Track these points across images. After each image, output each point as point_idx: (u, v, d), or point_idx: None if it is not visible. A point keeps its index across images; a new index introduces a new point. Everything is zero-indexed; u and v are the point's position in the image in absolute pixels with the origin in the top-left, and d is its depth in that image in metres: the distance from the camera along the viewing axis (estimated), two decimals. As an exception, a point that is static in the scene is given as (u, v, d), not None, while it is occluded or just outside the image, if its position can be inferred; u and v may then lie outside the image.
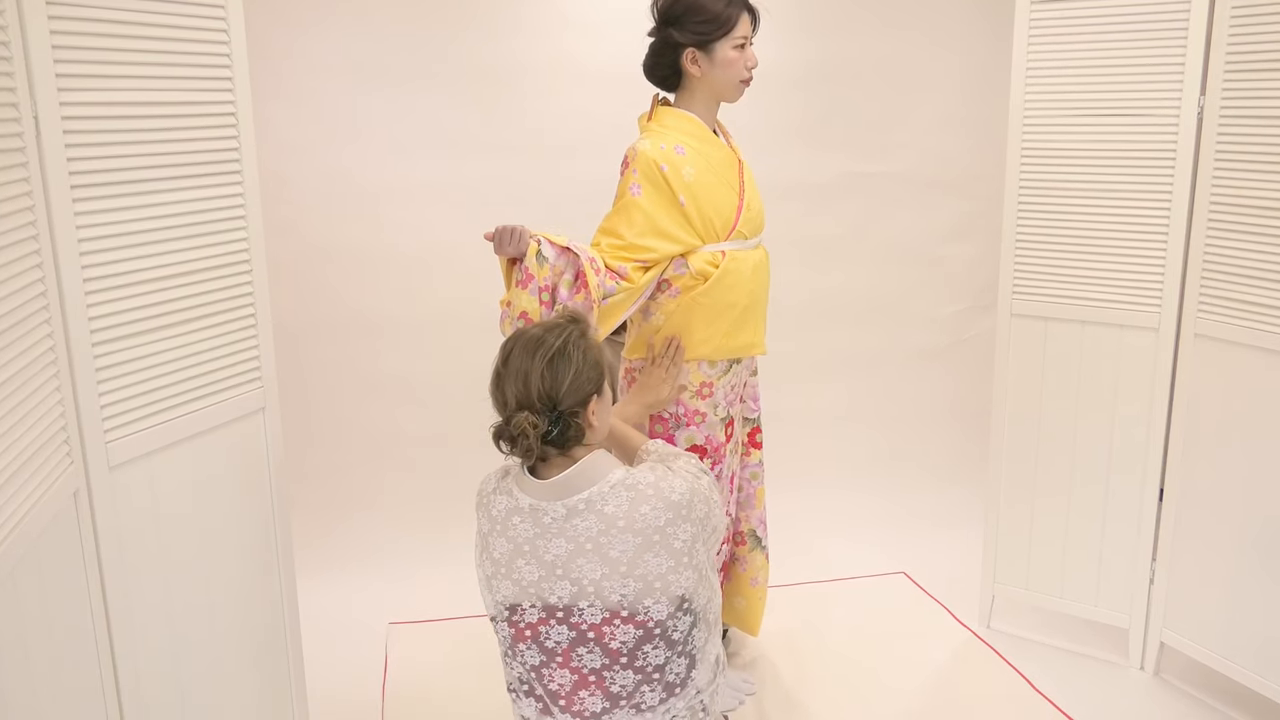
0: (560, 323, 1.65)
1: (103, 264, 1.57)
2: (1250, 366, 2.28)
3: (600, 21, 3.27)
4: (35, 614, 1.35)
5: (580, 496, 1.55)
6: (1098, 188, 2.48)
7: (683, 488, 1.57)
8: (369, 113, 3.19)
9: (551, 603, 1.57)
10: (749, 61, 2.15)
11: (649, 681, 1.58)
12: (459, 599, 3.00)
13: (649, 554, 1.53)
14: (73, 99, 1.50)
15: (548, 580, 1.57)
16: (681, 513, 1.56)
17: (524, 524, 1.58)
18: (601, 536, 1.54)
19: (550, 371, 1.56)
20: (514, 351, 1.60)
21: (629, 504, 1.54)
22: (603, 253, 2.10)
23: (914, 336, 3.83)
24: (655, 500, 1.55)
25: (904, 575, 3.17)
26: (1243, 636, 2.36)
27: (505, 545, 1.60)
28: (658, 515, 1.54)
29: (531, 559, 1.58)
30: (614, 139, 3.30)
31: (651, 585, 1.54)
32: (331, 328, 3.28)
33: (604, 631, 1.56)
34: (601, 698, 1.59)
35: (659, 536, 1.54)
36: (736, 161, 2.23)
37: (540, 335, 1.60)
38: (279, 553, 2.04)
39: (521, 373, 1.57)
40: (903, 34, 3.58)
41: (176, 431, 1.74)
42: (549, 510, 1.56)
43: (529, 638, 1.60)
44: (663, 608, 1.55)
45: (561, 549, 1.56)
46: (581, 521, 1.55)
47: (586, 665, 1.58)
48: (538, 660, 1.61)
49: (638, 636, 1.55)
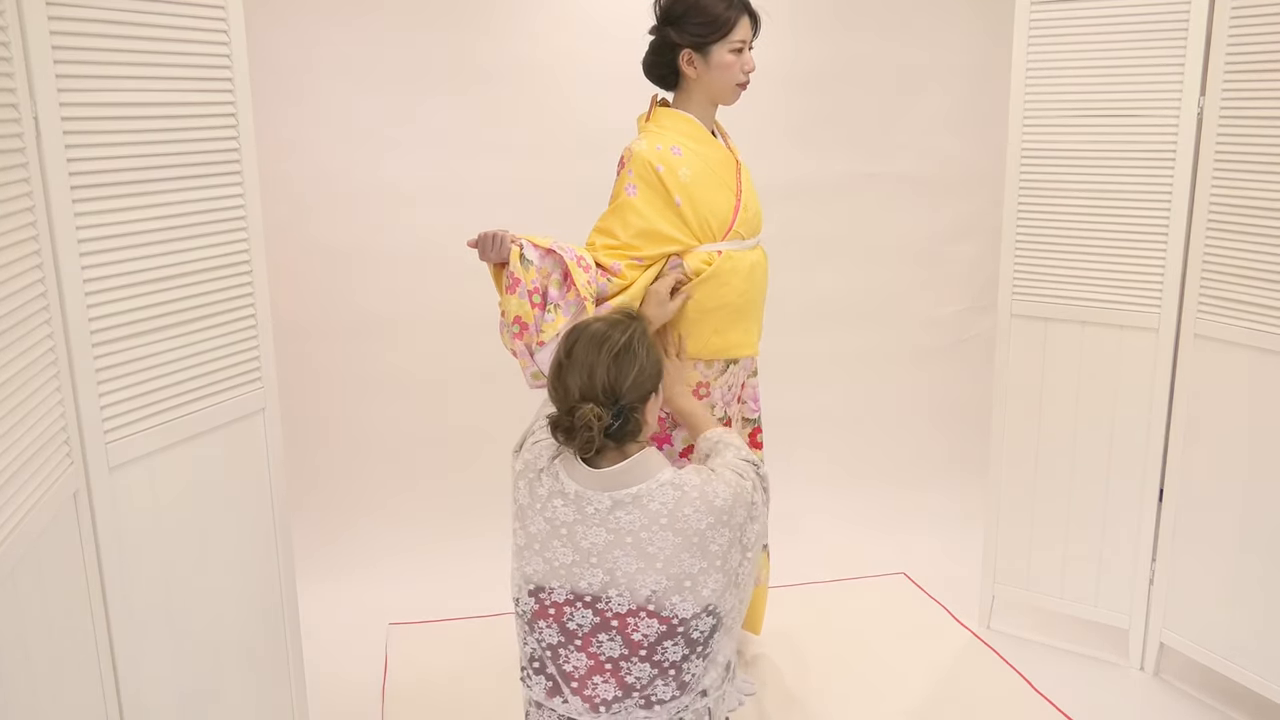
0: (622, 320, 1.67)
1: (103, 264, 1.57)
2: (1250, 366, 2.28)
3: (600, 21, 3.27)
4: (35, 614, 1.35)
5: (628, 491, 1.57)
6: (1098, 188, 2.48)
7: (726, 494, 1.59)
8: (369, 113, 3.19)
9: (580, 588, 1.59)
10: (746, 66, 2.15)
11: (664, 676, 1.59)
12: (459, 599, 3.00)
13: (686, 554, 1.56)
14: (73, 99, 1.50)
15: (580, 566, 1.59)
16: (723, 518, 1.58)
17: (566, 508, 1.60)
18: (643, 532, 1.56)
19: (616, 366, 1.58)
20: (578, 344, 1.61)
21: (674, 503, 1.56)
22: (596, 252, 2.09)
23: (914, 336, 3.83)
24: (699, 503, 1.57)
25: (904, 575, 3.17)
26: (1243, 636, 2.36)
27: (542, 524, 1.62)
28: (700, 518, 1.56)
29: (568, 543, 1.59)
30: (614, 139, 3.30)
31: (681, 584, 1.56)
32: (331, 328, 3.27)
33: (628, 622, 1.57)
34: (615, 686, 1.60)
35: (698, 539, 1.56)
36: (734, 162, 2.23)
37: (605, 330, 1.62)
38: (279, 553, 2.04)
39: (587, 365, 1.58)
40: (903, 34, 3.58)
41: (176, 432, 1.74)
42: (594, 500, 1.58)
43: (552, 616, 1.62)
44: (689, 606, 1.56)
45: (600, 538, 1.58)
46: (625, 515, 1.57)
47: (605, 653, 1.59)
48: (556, 640, 1.62)
49: (660, 632, 1.57)
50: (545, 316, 2.00)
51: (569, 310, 2.01)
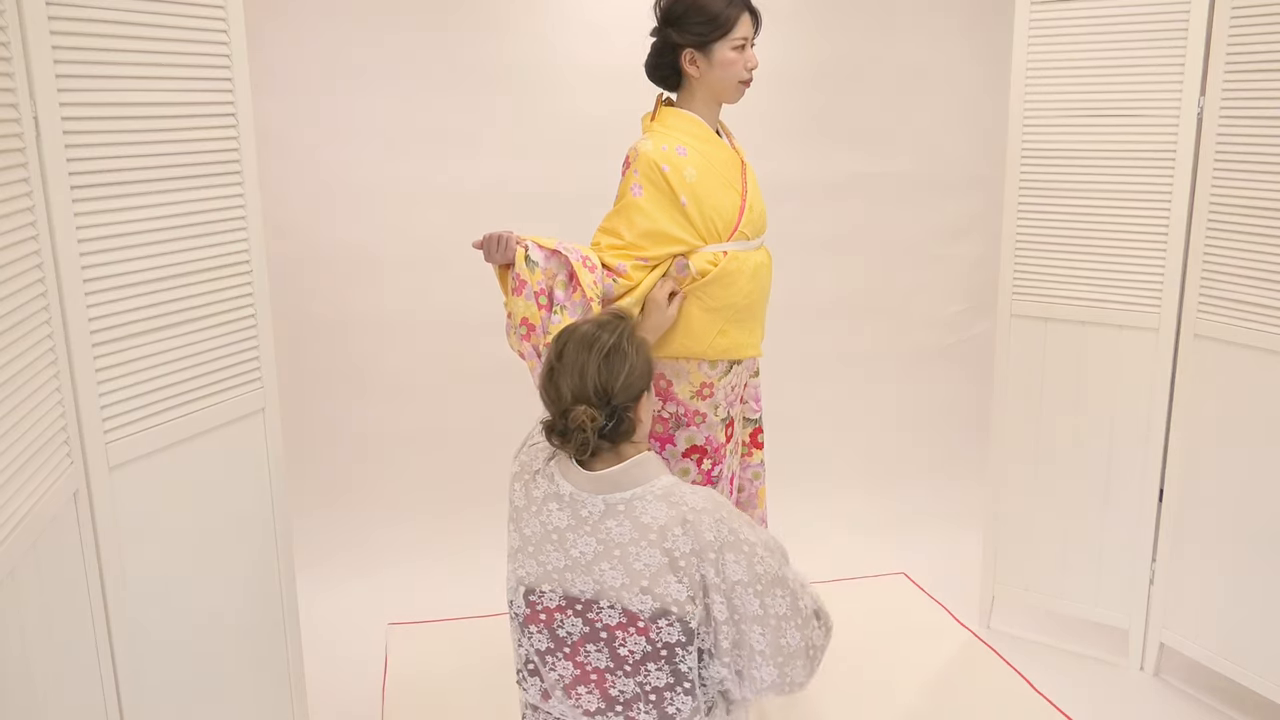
0: (610, 320, 1.65)
1: (103, 264, 1.57)
2: (1250, 366, 2.28)
3: (601, 21, 3.27)
4: (35, 614, 1.35)
5: (622, 495, 1.55)
6: (1098, 188, 2.48)
7: (709, 523, 1.52)
8: (369, 113, 3.19)
9: (573, 593, 1.58)
10: (749, 63, 2.14)
11: (644, 700, 1.57)
12: (459, 599, 3.00)
13: (670, 576, 1.52)
14: (73, 99, 1.50)
15: (571, 571, 1.57)
16: (709, 556, 1.52)
17: (560, 512, 1.58)
18: (631, 545, 1.53)
19: (606, 366, 1.57)
20: (568, 347, 1.60)
21: (665, 519, 1.53)
22: (601, 252, 2.09)
23: (914, 336, 3.83)
24: (688, 526, 1.53)
25: (904, 575, 3.17)
26: (1243, 636, 2.36)
27: (537, 527, 1.61)
28: (686, 542, 1.52)
29: (559, 547, 1.58)
30: (614, 139, 3.30)
31: (668, 608, 1.52)
32: (331, 328, 3.27)
33: (617, 635, 1.55)
34: (599, 698, 1.59)
35: (684, 563, 1.52)
36: (739, 162, 2.23)
37: (594, 332, 1.60)
38: (279, 553, 2.04)
39: (578, 367, 1.57)
40: (903, 34, 3.58)
41: (176, 431, 1.74)
42: (587, 503, 1.56)
43: (542, 622, 1.61)
44: (675, 631, 1.53)
45: (589, 548, 1.56)
46: (616, 524, 1.54)
47: (592, 663, 1.58)
48: (544, 646, 1.61)
49: (645, 652, 1.54)
50: (552, 318, 2.00)
51: (575, 311, 2.01)
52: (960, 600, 2.97)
